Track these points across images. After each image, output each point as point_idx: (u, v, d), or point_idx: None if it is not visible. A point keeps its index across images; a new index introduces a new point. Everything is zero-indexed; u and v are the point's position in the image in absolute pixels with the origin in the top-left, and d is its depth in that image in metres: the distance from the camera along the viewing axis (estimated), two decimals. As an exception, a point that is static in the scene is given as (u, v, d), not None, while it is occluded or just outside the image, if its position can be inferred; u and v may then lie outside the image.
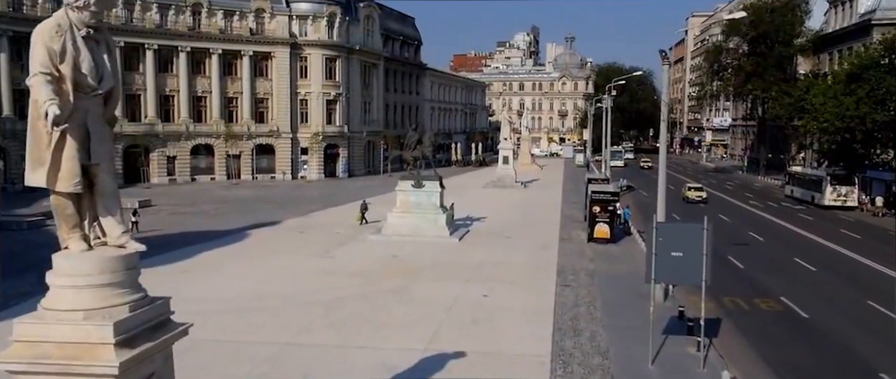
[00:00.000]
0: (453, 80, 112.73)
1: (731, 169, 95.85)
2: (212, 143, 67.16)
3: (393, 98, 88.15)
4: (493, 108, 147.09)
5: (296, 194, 57.30)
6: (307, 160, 71.70)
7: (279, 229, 38.29)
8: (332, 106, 72.46)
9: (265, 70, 69.90)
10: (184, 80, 65.31)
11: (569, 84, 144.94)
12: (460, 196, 56.04)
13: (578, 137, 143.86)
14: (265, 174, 69.95)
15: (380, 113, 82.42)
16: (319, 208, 47.45)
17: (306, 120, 71.60)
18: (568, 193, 57.98)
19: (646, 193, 58.28)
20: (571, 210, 46.49)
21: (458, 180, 70.69)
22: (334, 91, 71.89)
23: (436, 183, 35.11)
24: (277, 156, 70.29)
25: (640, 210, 46.10)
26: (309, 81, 70.89)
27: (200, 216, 43.59)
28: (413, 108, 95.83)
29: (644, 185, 68.09)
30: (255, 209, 46.46)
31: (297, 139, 71.09)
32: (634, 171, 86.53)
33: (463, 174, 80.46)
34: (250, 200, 52.13)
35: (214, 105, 67.33)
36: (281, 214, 43.54)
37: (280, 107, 69.93)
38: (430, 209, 34.78)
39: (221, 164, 67.47)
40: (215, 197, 55.00)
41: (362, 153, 77.88)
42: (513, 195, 57.00)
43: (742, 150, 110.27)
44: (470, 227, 38.33)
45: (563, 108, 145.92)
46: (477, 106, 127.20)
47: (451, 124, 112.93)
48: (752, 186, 70.32)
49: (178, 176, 65.57)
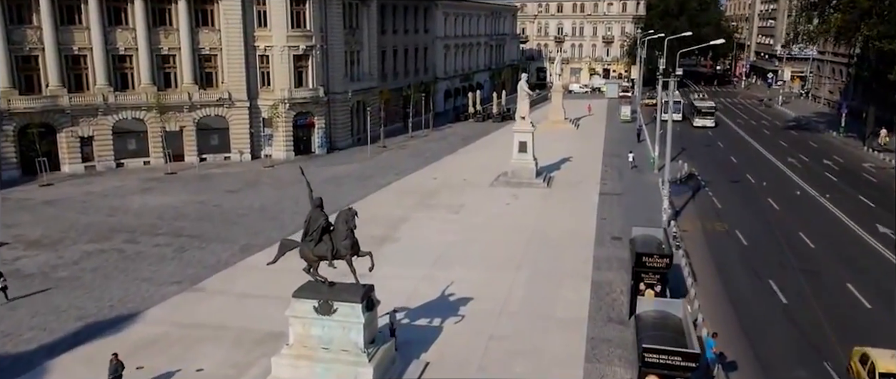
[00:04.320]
0: (474, 7, 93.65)
1: (816, 123, 76.28)
2: (141, 117, 51.69)
3: (392, 42, 70.58)
4: (526, 33, 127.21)
5: (245, 203, 41.87)
6: (272, 134, 55.91)
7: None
8: (303, 62, 55.74)
9: (210, 18, 53.16)
10: (97, 35, 49.29)
11: (616, 4, 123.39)
12: (444, 207, 40.17)
13: (626, 68, 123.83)
14: (217, 154, 54.56)
15: (373, 64, 65.33)
16: (271, 231, 32.15)
17: (268, 82, 55.26)
18: (610, 195, 41.19)
19: (715, 197, 41.09)
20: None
21: (456, 161, 54.31)
22: (304, 43, 54.98)
23: (356, 305, 19.09)
24: (231, 131, 54.59)
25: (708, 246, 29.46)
26: (269, 32, 54.03)
27: (93, 277, 28.74)
28: (421, 50, 78.09)
29: (708, 164, 50.47)
30: (180, 256, 31.32)
31: (258, 108, 55.07)
32: (688, 135, 68.03)
33: (471, 143, 63.69)
34: (185, 217, 37.09)
35: (143, 67, 51.39)
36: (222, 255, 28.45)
37: (232, 66, 53.61)
38: (344, 352, 19.06)
39: (157, 143, 52.22)
40: (134, 209, 40.02)
41: (347, 120, 61.53)
42: (528, 207, 40.48)
43: (829, 93, 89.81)
44: (434, 339, 22.53)
45: (608, 33, 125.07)
46: (505, 36, 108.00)
47: (472, 63, 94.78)
48: (863, 169, 52.00)
49: (97, 162, 50.75)
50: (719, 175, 49.98)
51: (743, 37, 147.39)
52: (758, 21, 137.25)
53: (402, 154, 58.69)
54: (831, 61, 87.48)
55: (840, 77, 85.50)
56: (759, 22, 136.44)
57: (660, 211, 37.71)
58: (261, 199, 42.87)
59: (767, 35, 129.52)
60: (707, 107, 75.88)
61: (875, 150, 58.17)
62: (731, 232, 35.47)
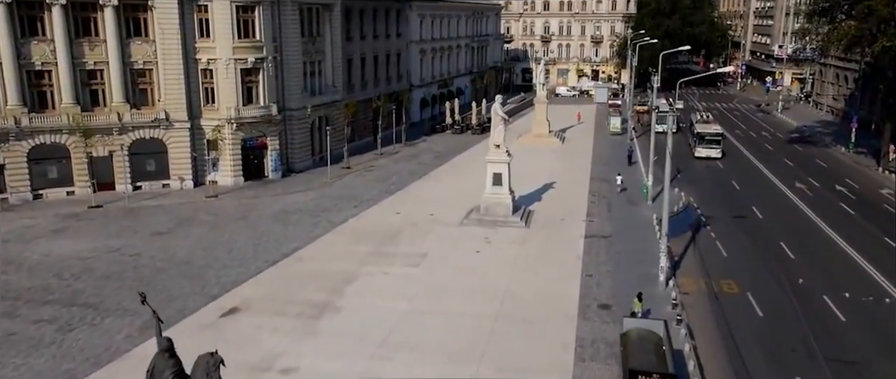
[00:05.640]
0: (453, 8, 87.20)
1: (821, 134, 70.52)
2: (63, 141, 45.16)
3: (360, 48, 64.14)
4: (511, 32, 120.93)
5: (168, 252, 35.49)
6: (218, 158, 49.50)
7: None
8: (252, 77, 49.31)
9: (143, 27, 46.59)
10: (7, 48, 42.70)
11: (605, 2, 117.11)
12: (402, 257, 32.23)
13: (616, 69, 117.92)
14: (154, 181, 48.10)
15: (338, 74, 58.89)
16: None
17: (213, 100, 48.82)
18: (597, 238, 35.10)
19: (718, 239, 35.03)
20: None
21: (425, 188, 47.81)
22: (254, 55, 48.56)
23: None
24: (170, 155, 48.10)
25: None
26: (212, 43, 47.56)
27: None
28: (393, 56, 71.63)
29: (706, 190, 44.02)
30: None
31: (201, 128, 48.63)
32: (684, 149, 61.94)
33: (446, 162, 57.45)
34: (90, 273, 30.73)
35: (64, 84, 44.77)
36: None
37: (169, 83, 47.06)
38: None
39: (83, 170, 45.72)
40: (30, 262, 33.55)
41: (307, 139, 55.14)
42: (501, 257, 34.32)
43: (833, 99, 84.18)
44: None
45: (597, 32, 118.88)
46: (488, 37, 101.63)
47: (451, 67, 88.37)
48: (881, 198, 46.21)
49: (11, 194, 44.22)
50: (721, 206, 44.12)
51: (737, 35, 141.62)
52: (753, 18, 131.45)
53: (366, 178, 52.42)
54: (835, 65, 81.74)
55: (845, 83, 79.80)
56: (754, 20, 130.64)
57: (655, 263, 31.70)
58: (189, 244, 36.49)
59: (764, 34, 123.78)
60: (712, 133, 60.03)
61: (891, 171, 52.47)
62: (743, 296, 29.54)
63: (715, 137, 59.34)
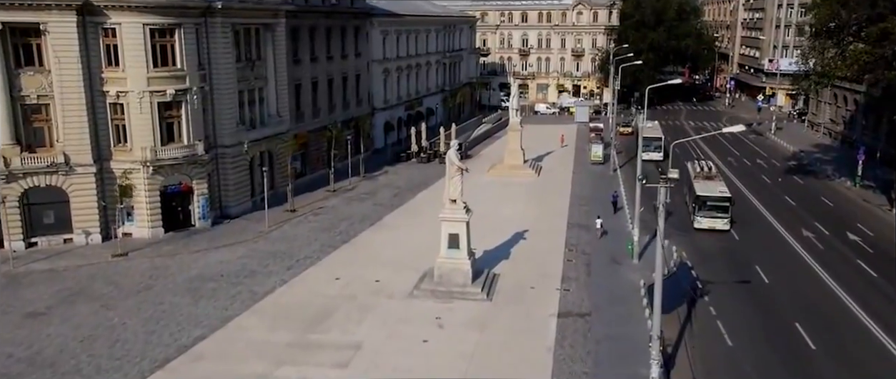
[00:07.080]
0: (422, 22, 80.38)
1: (822, 163, 64.43)
2: (-63, 193, 37.77)
3: (311, 71, 57.12)
4: (488, 45, 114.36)
5: (32, 349, 28.13)
6: (132, 207, 42.21)
7: None
8: (173, 111, 42.15)
9: (36, 55, 39.27)
10: None
11: (586, 14, 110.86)
12: (329, 352, 28.09)
13: (597, 84, 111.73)
14: (54, 235, 40.68)
15: (283, 102, 51.78)
16: None
17: (125, 139, 41.59)
18: (572, 317, 28.20)
19: (719, 318, 28.13)
20: None
21: (377, 240, 40.15)
22: (174, 86, 41.42)
23: None
24: (73, 205, 40.73)
25: None
26: (122, 72, 40.36)
27: None
28: (351, 78, 64.61)
29: (698, 246, 36.84)
30: None
31: (111, 172, 41.37)
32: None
33: (406, 201, 50.39)
34: None
35: (-63, 124, 37.43)
36: None
37: (69, 120, 39.73)
38: None
39: (-36, 226, 38.35)
40: None
41: (245, 178, 48.00)
42: (454, 349, 27.25)
43: (831, 121, 78.34)
44: None
45: (578, 45, 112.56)
46: (462, 51, 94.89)
47: (419, 87, 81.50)
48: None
49: None
50: (719, 263, 37.62)
51: (724, 46, 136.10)
52: (741, 30, 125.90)
53: (309, 225, 45.31)
54: (833, 84, 75.77)
55: (844, 104, 73.92)
56: (742, 31, 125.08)
57: (645, 357, 24.99)
58: (65, 332, 29.09)
59: (752, 47, 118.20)
60: (718, 197, 43.32)
61: (905, 212, 46.36)
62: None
63: (722, 201, 43.20)
